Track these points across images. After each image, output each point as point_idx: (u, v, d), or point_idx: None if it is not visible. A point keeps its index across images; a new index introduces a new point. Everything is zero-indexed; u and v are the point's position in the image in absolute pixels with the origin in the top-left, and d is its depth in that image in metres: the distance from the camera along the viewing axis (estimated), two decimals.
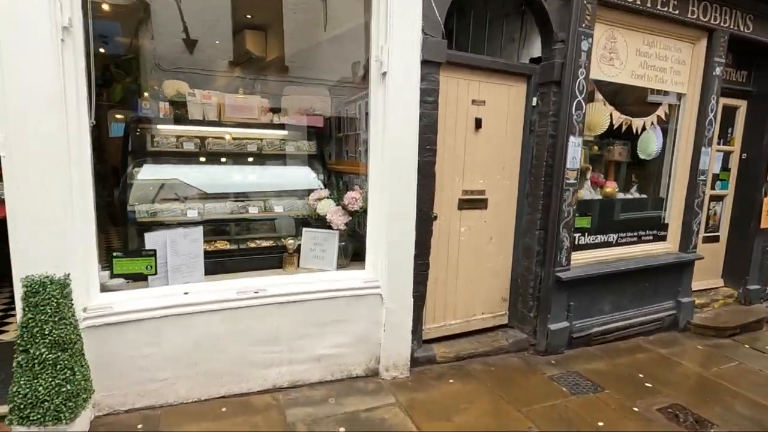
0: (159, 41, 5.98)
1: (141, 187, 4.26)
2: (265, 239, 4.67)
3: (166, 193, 4.40)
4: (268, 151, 4.71)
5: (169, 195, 4.36)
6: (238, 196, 4.70)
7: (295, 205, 4.69)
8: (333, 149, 5.34)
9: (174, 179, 4.43)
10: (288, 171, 4.97)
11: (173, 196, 4.41)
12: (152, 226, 4.10)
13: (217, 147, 4.51)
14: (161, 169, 4.38)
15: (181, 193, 4.33)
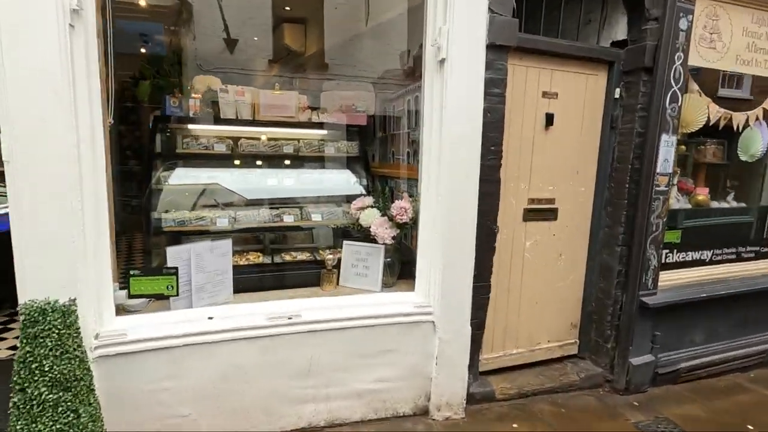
0: (200, 41, 5.69)
1: (171, 193, 3.88)
2: (301, 251, 4.19)
3: (205, 199, 4.02)
4: (305, 152, 4.22)
5: (207, 201, 3.97)
6: (273, 203, 4.25)
7: (335, 213, 4.17)
8: (377, 150, 4.80)
9: (214, 184, 4.03)
10: (327, 175, 4.48)
11: (210, 203, 4.02)
12: (180, 237, 3.72)
13: (251, 148, 4.07)
14: (194, 173, 3.99)
15: (221, 199, 3.93)
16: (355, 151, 4.38)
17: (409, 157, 4.17)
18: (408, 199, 3.54)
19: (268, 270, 3.83)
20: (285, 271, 3.86)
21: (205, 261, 3.13)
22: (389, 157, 4.62)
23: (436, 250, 3.29)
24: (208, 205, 3.98)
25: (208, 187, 4.05)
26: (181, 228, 3.71)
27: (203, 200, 4.01)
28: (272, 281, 3.77)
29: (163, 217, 3.67)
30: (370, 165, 4.40)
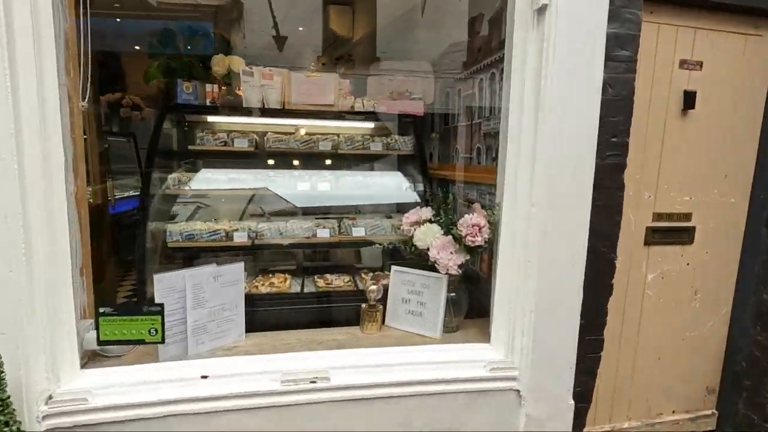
0: (249, 39, 5.08)
1: (176, 200, 3.18)
2: (338, 275, 3.31)
3: (225, 207, 3.29)
4: (346, 149, 3.34)
5: (224, 211, 3.24)
6: (306, 212, 3.43)
7: (381, 227, 3.26)
8: (436, 148, 3.83)
9: (232, 189, 3.28)
10: (373, 178, 3.58)
11: (228, 213, 3.27)
12: (189, 255, 2.98)
13: (279, 145, 3.26)
14: (209, 176, 3.25)
15: (268, 207, 3.18)
16: (409, 148, 3.44)
17: (481, 155, 3.16)
18: (482, 212, 2.53)
19: (296, 301, 2.99)
20: (317, 302, 3.00)
21: (207, 292, 2.33)
22: (452, 156, 3.63)
23: (525, 286, 2.26)
24: (263, 214, 3.25)
25: (226, 194, 3.29)
26: (190, 243, 2.97)
27: (221, 209, 3.26)
28: (300, 315, 2.92)
29: (168, 229, 2.94)
30: (427, 166, 3.43)
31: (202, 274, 2.33)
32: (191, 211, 3.22)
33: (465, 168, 3.37)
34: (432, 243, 2.59)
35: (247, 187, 3.21)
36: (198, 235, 2.99)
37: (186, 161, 3.29)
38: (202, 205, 3.37)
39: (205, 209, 3.31)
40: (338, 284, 3.20)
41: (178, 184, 3.05)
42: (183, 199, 3.18)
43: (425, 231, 2.64)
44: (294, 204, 3.37)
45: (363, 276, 3.40)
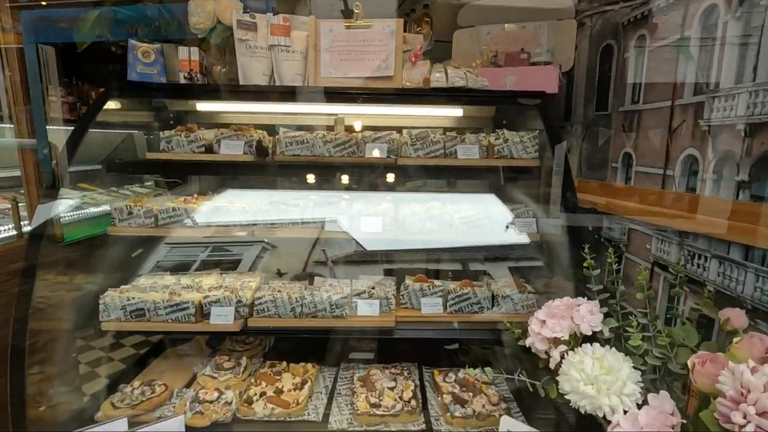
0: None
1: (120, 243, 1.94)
2: (392, 375, 1.87)
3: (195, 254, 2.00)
4: (412, 156, 1.87)
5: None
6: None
7: (472, 299, 1.73)
8: (576, 152, 2.16)
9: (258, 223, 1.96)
10: (456, 205, 2.03)
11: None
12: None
13: (298, 149, 1.88)
14: (165, 203, 1.97)
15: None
16: (530, 153, 1.85)
17: (702, 171, 1.46)
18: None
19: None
20: None
21: None
22: (613, 171, 1.94)
23: None
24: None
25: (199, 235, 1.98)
26: (138, 326, 1.72)
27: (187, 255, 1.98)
28: None
29: (104, 302, 1.71)
30: (573, 185, 1.78)
31: None
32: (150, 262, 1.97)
33: (646, 197, 1.69)
34: (615, 406, 1.02)
35: (237, 222, 1.86)
36: (150, 311, 1.72)
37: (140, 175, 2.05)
38: (178, 246, 2.12)
39: (166, 255, 2.05)
40: (388, 404, 1.75)
41: (126, 218, 1.80)
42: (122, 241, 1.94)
43: (593, 373, 1.07)
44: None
45: (438, 382, 1.91)
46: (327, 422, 1.70)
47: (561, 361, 1.17)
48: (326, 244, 2.20)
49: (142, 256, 2.12)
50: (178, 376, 2.01)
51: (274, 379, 1.92)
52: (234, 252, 2.41)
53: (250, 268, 2.29)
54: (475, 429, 1.68)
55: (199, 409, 1.68)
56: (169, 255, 2.31)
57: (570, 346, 1.20)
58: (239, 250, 2.40)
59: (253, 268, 2.30)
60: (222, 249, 2.41)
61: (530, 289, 1.87)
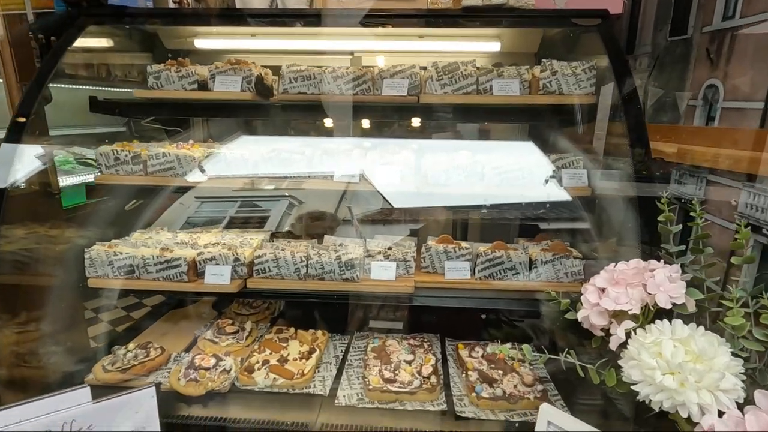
0: None
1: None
2: (410, 344, 1.65)
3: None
4: (439, 93, 1.55)
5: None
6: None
7: (506, 262, 1.45)
8: (648, 92, 1.77)
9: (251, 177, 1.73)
10: (489, 155, 1.71)
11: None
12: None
13: (303, 86, 1.60)
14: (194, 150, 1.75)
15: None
16: (584, 87, 1.50)
17: None
18: None
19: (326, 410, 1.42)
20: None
21: None
22: (686, 112, 1.56)
23: None
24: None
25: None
26: (129, 282, 1.55)
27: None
28: None
29: (89, 257, 1.55)
30: (644, 129, 1.41)
31: None
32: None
33: (736, 139, 1.32)
34: (708, 405, 0.73)
35: (232, 174, 1.63)
36: (140, 267, 1.54)
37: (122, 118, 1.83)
38: (208, 200, 1.93)
39: (196, 211, 1.86)
40: (405, 380, 1.52)
41: (114, 164, 1.60)
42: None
43: (676, 359, 0.79)
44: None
45: (463, 357, 1.67)
46: (334, 397, 1.50)
47: (627, 341, 0.89)
48: (361, 200, 1.94)
49: (140, 209, 1.94)
50: (178, 340, 1.86)
51: (280, 346, 1.73)
52: (262, 207, 2.21)
53: (278, 226, 2.09)
54: (504, 412, 1.44)
55: (193, 377, 1.51)
56: (199, 210, 2.15)
57: (639, 323, 0.91)
58: (267, 205, 2.21)
59: (281, 225, 2.10)
60: (251, 205, 2.22)
61: (576, 254, 1.57)
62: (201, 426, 1.42)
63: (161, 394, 1.52)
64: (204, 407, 1.49)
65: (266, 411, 1.48)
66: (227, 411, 1.47)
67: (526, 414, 1.43)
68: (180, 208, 2.15)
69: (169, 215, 2.09)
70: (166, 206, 2.10)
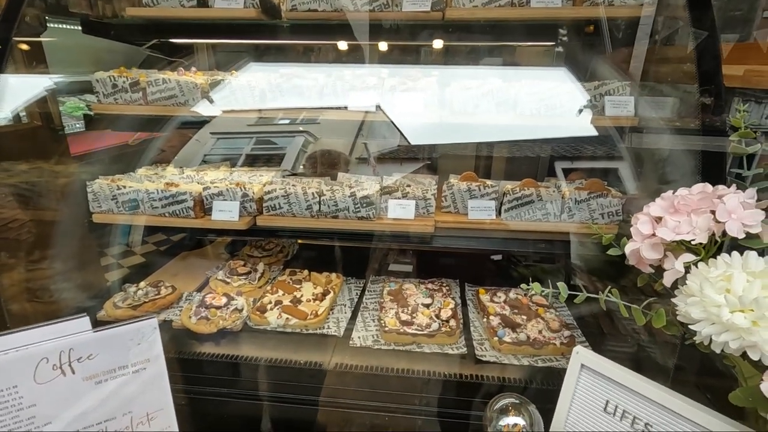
0: None
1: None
2: (430, 285, 1.57)
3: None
4: (462, 7, 1.36)
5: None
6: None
7: (536, 201, 1.32)
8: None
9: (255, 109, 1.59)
10: (519, 81, 1.52)
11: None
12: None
13: (316, 4, 1.42)
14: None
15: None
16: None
17: None
18: None
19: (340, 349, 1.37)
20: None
21: (33, 399, 0.82)
22: (759, 24, 1.33)
23: None
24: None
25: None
26: (133, 219, 1.48)
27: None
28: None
29: (92, 190, 1.47)
30: (713, 45, 1.20)
31: (5, 363, 0.79)
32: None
33: None
34: None
35: (238, 105, 1.49)
36: (144, 202, 1.46)
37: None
38: (223, 137, 1.82)
39: (212, 148, 1.76)
40: (423, 322, 1.45)
41: (111, 92, 1.49)
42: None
43: (750, 295, 0.66)
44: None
45: (484, 302, 1.59)
46: (349, 338, 1.45)
47: (685, 276, 0.77)
48: (377, 135, 1.80)
49: (147, 144, 1.84)
50: (190, 280, 1.82)
51: (293, 288, 1.67)
52: (278, 144, 2.09)
53: (294, 164, 1.98)
54: (528, 357, 1.36)
55: (204, 314, 1.47)
56: (215, 148, 2.04)
57: (702, 257, 0.78)
58: (283, 142, 2.08)
59: (297, 163, 1.98)
60: (267, 142, 2.10)
61: (615, 192, 1.42)
62: (214, 362, 1.39)
63: (173, 332, 1.50)
64: (216, 345, 1.46)
65: (278, 350, 1.43)
66: (240, 349, 1.44)
67: (551, 360, 1.35)
68: (197, 145, 2.04)
69: (185, 153, 1.99)
70: (183, 143, 2.00)
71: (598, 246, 1.02)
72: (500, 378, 1.31)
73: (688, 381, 1.09)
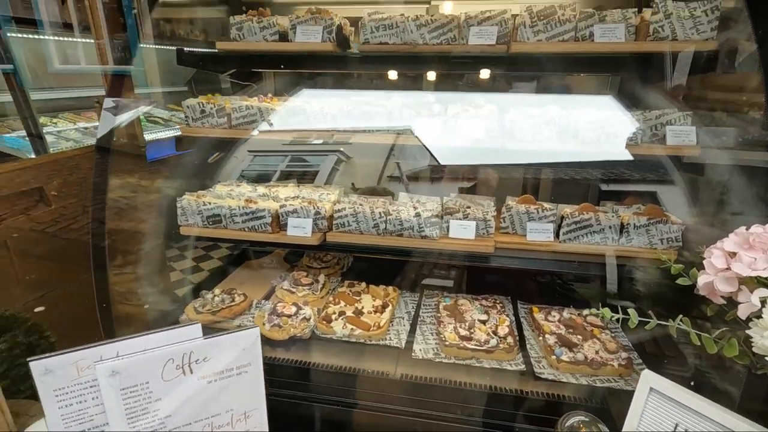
0: None
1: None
2: (483, 304, 1.64)
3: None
4: (531, 41, 1.44)
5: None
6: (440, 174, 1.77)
7: (597, 224, 1.38)
8: None
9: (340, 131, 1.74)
10: (576, 110, 1.58)
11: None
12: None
13: (387, 36, 1.54)
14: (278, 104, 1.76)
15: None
16: (704, 33, 1.33)
17: None
18: None
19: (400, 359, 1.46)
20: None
21: (159, 394, 0.94)
22: None
23: None
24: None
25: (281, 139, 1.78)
26: (214, 232, 1.62)
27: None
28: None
29: (181, 206, 1.62)
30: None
31: (142, 362, 0.92)
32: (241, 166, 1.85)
33: None
34: None
35: (314, 128, 1.62)
36: (226, 217, 1.61)
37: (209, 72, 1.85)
38: (260, 154, 1.97)
39: (251, 162, 1.90)
40: (481, 338, 1.52)
41: (200, 117, 1.65)
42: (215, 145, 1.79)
43: None
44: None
45: (538, 320, 1.64)
46: (411, 350, 1.53)
47: (761, 309, 0.82)
48: (408, 156, 1.91)
49: (220, 162, 2.01)
50: (256, 288, 1.96)
51: (353, 299, 1.78)
52: (311, 162, 2.24)
53: (326, 182, 2.12)
54: (586, 377, 1.41)
55: (277, 322, 1.59)
56: (252, 165, 2.20)
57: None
58: (316, 160, 2.22)
59: (329, 181, 2.12)
60: (300, 159, 2.25)
61: (674, 219, 1.46)
62: (284, 366, 1.50)
63: None
64: (287, 351, 1.58)
65: (342, 358, 1.54)
66: (309, 356, 1.55)
67: (609, 380, 1.40)
68: (235, 161, 2.20)
69: (225, 169, 2.15)
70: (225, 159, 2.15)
71: (658, 270, 1.08)
72: (560, 396, 1.36)
73: (754, 409, 1.12)
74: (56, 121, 3.16)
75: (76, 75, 3.05)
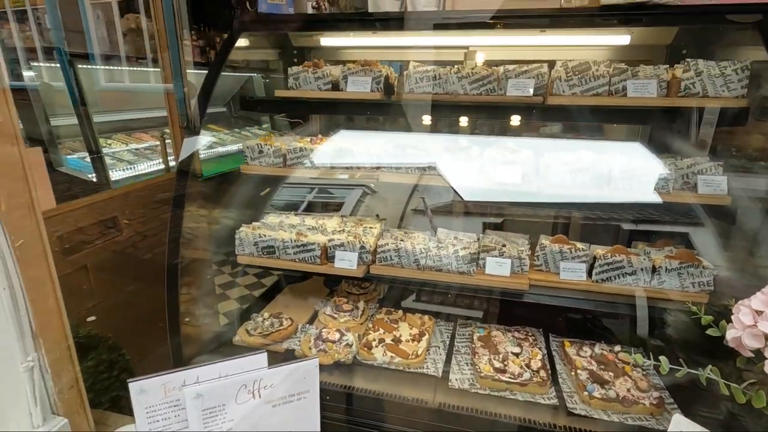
0: None
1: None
2: (516, 336, 1.72)
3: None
4: (567, 94, 1.55)
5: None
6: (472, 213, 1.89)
7: (632, 266, 1.45)
8: None
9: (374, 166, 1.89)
10: (609, 155, 1.67)
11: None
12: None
13: (429, 86, 1.68)
14: (329, 145, 1.93)
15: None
16: (734, 90, 1.41)
17: None
18: None
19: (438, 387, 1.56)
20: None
21: (231, 414, 1.08)
22: None
23: None
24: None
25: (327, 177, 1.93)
26: (267, 261, 1.78)
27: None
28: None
29: (239, 237, 1.79)
30: None
31: (221, 387, 1.06)
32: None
33: None
34: None
35: (356, 164, 1.77)
36: (280, 249, 1.76)
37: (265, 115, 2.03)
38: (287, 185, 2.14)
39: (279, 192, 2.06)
40: (515, 371, 1.60)
41: (257, 156, 1.82)
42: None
43: None
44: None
45: (570, 355, 1.71)
46: (447, 380, 1.63)
47: None
48: (437, 194, 2.03)
49: (270, 194, 2.18)
50: (300, 312, 2.09)
51: (392, 327, 1.89)
52: (335, 194, 2.40)
53: (352, 213, 2.27)
54: (617, 414, 1.47)
55: (322, 348, 1.72)
56: (280, 195, 2.36)
57: None
58: (341, 193, 2.39)
59: (354, 212, 2.27)
60: (326, 191, 2.42)
61: (706, 264, 1.52)
62: (332, 391, 1.62)
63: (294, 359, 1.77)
64: (330, 374, 1.70)
65: (381, 384, 1.65)
66: (350, 380, 1.67)
67: (640, 419, 1.45)
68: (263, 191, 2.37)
69: (255, 198, 2.33)
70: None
71: (689, 314, 1.15)
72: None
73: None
74: (110, 143, 3.43)
75: (119, 99, 3.31)
